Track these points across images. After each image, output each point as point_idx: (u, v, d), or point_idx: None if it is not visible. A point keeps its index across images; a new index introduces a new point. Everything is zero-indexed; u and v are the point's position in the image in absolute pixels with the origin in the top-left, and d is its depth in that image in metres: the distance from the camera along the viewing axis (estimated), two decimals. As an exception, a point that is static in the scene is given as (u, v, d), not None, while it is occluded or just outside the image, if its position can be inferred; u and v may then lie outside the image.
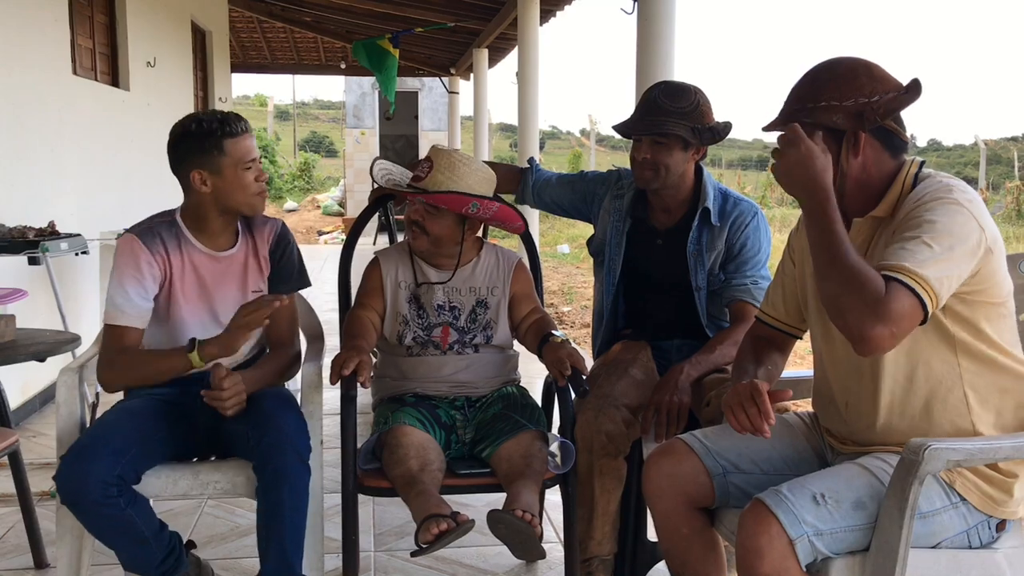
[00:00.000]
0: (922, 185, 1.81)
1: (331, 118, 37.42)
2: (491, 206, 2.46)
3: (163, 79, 7.25)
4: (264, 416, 2.23)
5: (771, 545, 1.70)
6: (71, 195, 5.06)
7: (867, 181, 1.86)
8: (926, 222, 1.70)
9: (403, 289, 2.55)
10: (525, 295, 2.61)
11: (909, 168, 1.86)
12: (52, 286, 4.15)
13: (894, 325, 1.62)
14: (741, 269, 2.57)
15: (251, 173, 2.33)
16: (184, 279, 2.35)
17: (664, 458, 2.04)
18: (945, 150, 42.02)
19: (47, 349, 3.01)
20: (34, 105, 4.70)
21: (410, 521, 3.19)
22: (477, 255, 2.59)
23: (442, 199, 2.42)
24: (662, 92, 2.51)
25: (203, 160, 2.28)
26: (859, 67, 1.84)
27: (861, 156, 1.83)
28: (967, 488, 1.80)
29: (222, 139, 2.27)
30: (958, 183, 1.79)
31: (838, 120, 1.82)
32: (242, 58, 14.68)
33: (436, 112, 18.11)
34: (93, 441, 2.13)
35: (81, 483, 2.05)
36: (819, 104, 1.83)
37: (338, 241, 15.91)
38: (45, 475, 3.58)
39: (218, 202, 2.32)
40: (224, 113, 2.31)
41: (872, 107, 1.80)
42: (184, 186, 2.34)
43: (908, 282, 1.63)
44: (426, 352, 2.51)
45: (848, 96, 1.81)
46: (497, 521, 2.06)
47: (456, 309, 2.53)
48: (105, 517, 2.09)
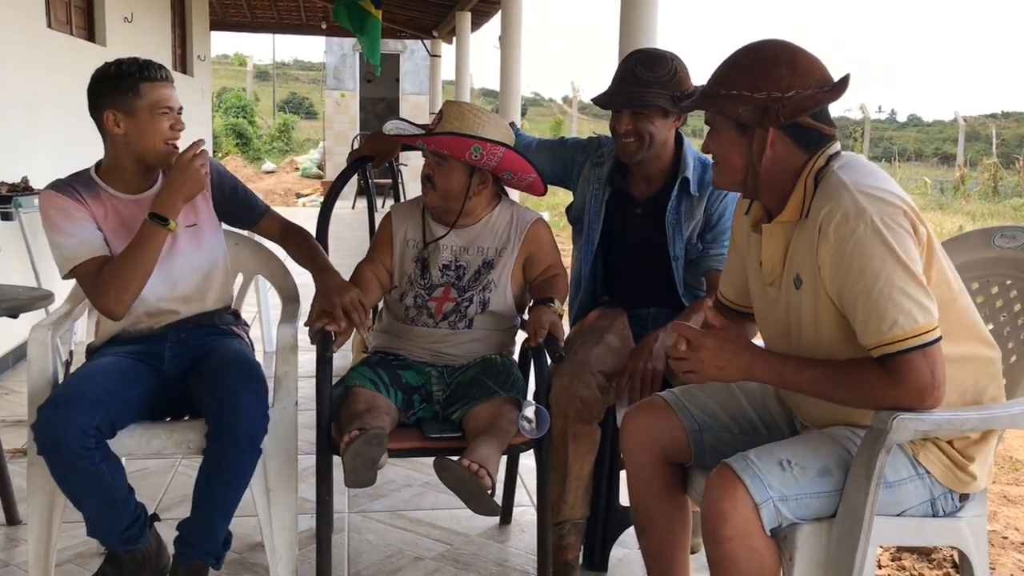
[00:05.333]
0: (824, 191, 1.72)
1: (311, 79, 37.00)
2: (496, 151, 2.39)
3: (140, 35, 7.14)
4: (226, 392, 2.21)
5: (735, 509, 1.72)
6: (45, 151, 4.99)
7: (777, 177, 1.80)
8: (870, 276, 1.65)
9: (411, 247, 2.54)
10: (541, 255, 2.55)
11: (814, 164, 1.77)
12: (25, 242, 4.11)
13: (922, 388, 1.65)
14: (718, 239, 2.58)
15: (166, 120, 2.31)
16: (108, 224, 2.34)
17: (642, 412, 2.07)
18: (925, 126, 42.15)
19: (20, 305, 2.98)
20: (7, 59, 4.62)
21: (385, 483, 3.23)
22: (490, 212, 2.55)
23: (442, 141, 2.38)
24: (638, 62, 2.49)
25: (117, 101, 2.27)
26: (781, 57, 1.75)
27: (770, 152, 1.77)
28: (930, 461, 1.82)
29: (139, 82, 2.27)
30: (861, 191, 1.68)
31: (744, 113, 1.75)
32: (221, 16, 14.44)
33: (417, 75, 17.94)
34: (71, 391, 2.13)
35: (60, 431, 2.05)
36: (730, 92, 1.77)
37: (316, 204, 15.79)
38: (17, 432, 3.57)
39: (129, 146, 2.31)
40: (145, 60, 2.32)
41: (782, 103, 1.72)
42: (101, 130, 2.33)
43: (899, 349, 1.65)
44: (419, 321, 2.50)
45: (760, 88, 1.73)
46: (442, 468, 2.08)
47: (461, 268, 2.51)
48: (79, 470, 2.09)
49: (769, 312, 1.95)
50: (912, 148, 31.31)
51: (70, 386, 2.17)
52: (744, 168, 1.81)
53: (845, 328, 1.75)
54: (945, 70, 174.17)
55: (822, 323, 1.79)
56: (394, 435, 2.30)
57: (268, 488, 2.35)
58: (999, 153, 22.63)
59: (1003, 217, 13.55)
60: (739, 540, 1.72)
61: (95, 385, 2.17)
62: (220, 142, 20.59)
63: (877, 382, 1.69)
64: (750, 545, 1.73)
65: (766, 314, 1.97)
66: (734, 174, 1.84)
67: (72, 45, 5.72)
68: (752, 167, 1.80)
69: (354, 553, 2.76)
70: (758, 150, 1.78)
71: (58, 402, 2.10)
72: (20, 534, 2.79)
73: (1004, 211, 14.43)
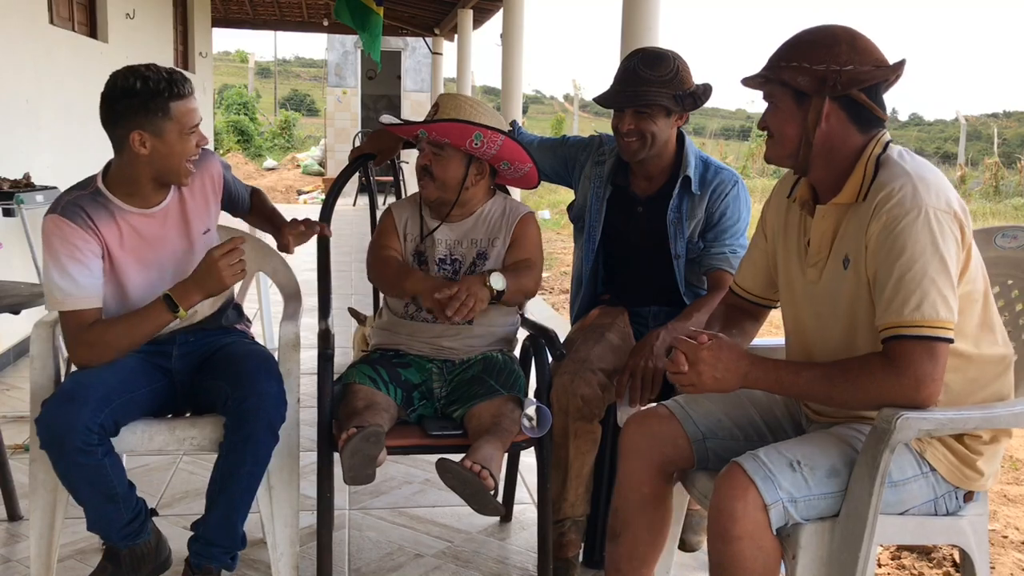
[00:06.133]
0: (885, 175, 1.77)
1: (313, 76, 36.99)
2: (496, 138, 2.40)
3: (142, 32, 7.15)
4: (247, 379, 2.22)
5: (746, 509, 1.72)
6: (47, 147, 4.99)
7: (831, 154, 1.83)
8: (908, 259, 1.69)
9: (409, 242, 2.55)
10: (521, 245, 2.53)
11: (873, 148, 1.82)
12: (27, 238, 4.11)
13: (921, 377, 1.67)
14: (720, 238, 2.58)
15: (193, 139, 2.22)
16: (124, 246, 2.26)
17: (644, 420, 2.07)
18: (926, 125, 42.14)
19: (22, 302, 2.98)
20: (9, 55, 4.62)
21: (385, 480, 3.23)
22: (483, 204, 2.55)
23: (444, 128, 2.37)
24: (640, 61, 2.49)
25: (145, 121, 2.13)
26: (842, 36, 1.81)
27: (825, 125, 1.81)
28: (936, 458, 1.83)
29: (169, 101, 2.14)
30: (923, 182, 1.73)
31: (802, 82, 1.79)
32: (223, 13, 14.42)
33: (419, 73, 17.94)
34: (77, 387, 2.11)
35: (65, 427, 2.04)
36: (790, 63, 1.81)
37: (317, 201, 15.79)
38: (18, 428, 3.58)
39: (153, 165, 2.20)
40: (170, 71, 2.18)
41: (840, 75, 1.77)
42: (118, 145, 2.21)
43: (912, 334, 1.67)
44: (418, 316, 2.50)
45: (820, 61, 1.78)
46: (444, 470, 2.08)
47: (457, 262, 2.52)
48: (81, 466, 2.08)
49: (803, 295, 1.95)
50: (913, 147, 31.26)
51: (77, 381, 2.15)
52: (798, 140, 1.84)
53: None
54: (947, 69, 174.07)
55: (859, 307, 1.81)
56: (395, 432, 2.30)
57: (270, 485, 2.35)
58: (1000, 152, 22.63)
59: (1004, 217, 13.55)
60: (748, 540, 1.72)
61: (102, 382, 2.15)
62: (222, 139, 20.58)
63: (877, 371, 1.70)
64: (758, 545, 1.73)
65: (799, 298, 1.97)
66: (787, 146, 1.86)
67: (74, 41, 5.72)
68: (806, 139, 1.83)
69: (355, 550, 2.77)
70: (813, 120, 1.81)
71: (64, 397, 2.09)
72: (22, 530, 2.80)
73: (1005, 211, 14.43)
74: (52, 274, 2.18)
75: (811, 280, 1.91)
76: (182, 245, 2.36)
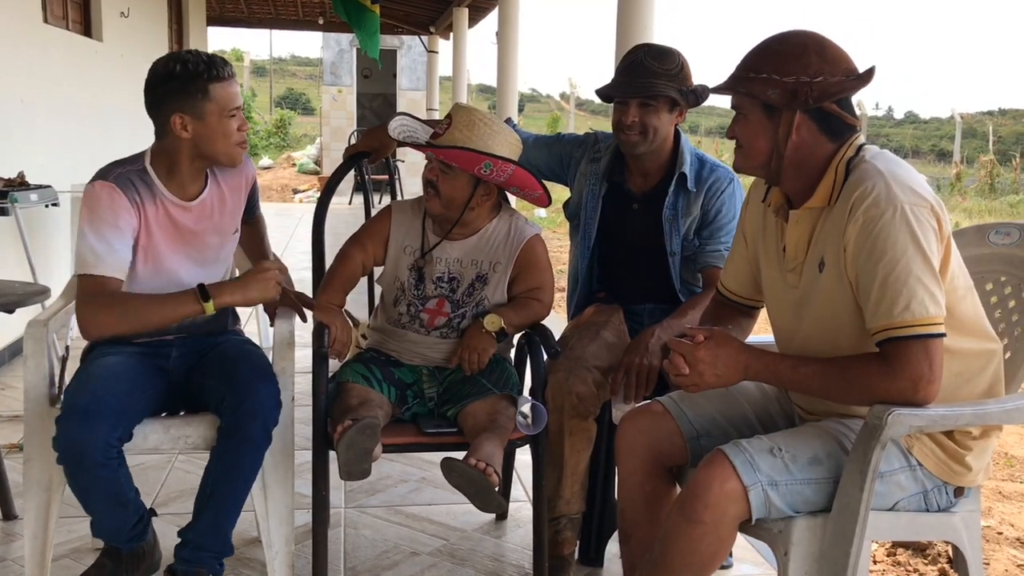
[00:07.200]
0: (856, 177, 1.76)
1: (308, 75, 36.99)
2: (506, 168, 2.33)
3: (137, 31, 7.13)
4: (243, 383, 2.21)
5: (720, 497, 1.73)
6: (41, 146, 4.98)
7: (802, 163, 1.83)
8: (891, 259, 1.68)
9: (407, 254, 2.48)
10: (529, 275, 2.47)
11: (845, 152, 1.81)
12: (21, 237, 4.10)
13: (918, 378, 1.67)
14: (715, 235, 2.58)
15: (235, 121, 2.23)
16: (162, 229, 2.28)
17: (640, 416, 2.07)
18: (922, 122, 42.21)
19: (16, 301, 2.98)
20: (3, 53, 4.61)
21: (381, 478, 3.23)
22: (487, 223, 2.47)
23: (453, 155, 2.32)
24: (647, 54, 2.50)
25: (186, 104, 2.16)
26: (811, 44, 1.79)
27: (796, 136, 1.80)
28: (924, 453, 1.84)
29: (208, 83, 2.16)
30: (895, 179, 1.72)
31: (772, 96, 1.78)
32: (218, 11, 14.40)
33: (415, 71, 17.92)
34: (92, 401, 2.07)
35: (86, 445, 2.02)
36: (759, 75, 1.80)
37: (313, 200, 15.79)
38: (12, 428, 3.58)
39: (196, 148, 2.22)
40: (210, 55, 2.20)
41: (810, 87, 1.76)
42: (160, 130, 2.23)
43: (905, 334, 1.67)
44: (411, 327, 2.48)
45: (789, 72, 1.77)
46: (449, 469, 2.07)
47: (455, 281, 2.46)
48: (100, 479, 2.07)
49: (784, 299, 1.96)
50: (909, 145, 31.36)
51: (92, 394, 2.10)
52: (769, 152, 1.84)
53: (859, 317, 1.78)
54: (942, 67, 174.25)
55: (839, 309, 1.81)
56: (391, 430, 2.30)
57: (265, 484, 2.35)
58: (996, 150, 22.69)
59: (999, 214, 13.59)
60: (711, 527, 1.74)
61: (115, 394, 2.11)
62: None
63: (874, 372, 1.71)
64: (718, 534, 1.75)
65: (781, 301, 1.98)
66: (758, 158, 1.86)
67: (68, 40, 5.71)
68: (777, 151, 1.83)
69: (350, 548, 2.77)
70: (784, 134, 1.81)
71: (80, 413, 2.04)
72: (16, 529, 2.79)
73: (1000, 208, 14.48)
74: (89, 238, 2.18)
75: (791, 284, 1.92)
76: (214, 242, 2.37)
